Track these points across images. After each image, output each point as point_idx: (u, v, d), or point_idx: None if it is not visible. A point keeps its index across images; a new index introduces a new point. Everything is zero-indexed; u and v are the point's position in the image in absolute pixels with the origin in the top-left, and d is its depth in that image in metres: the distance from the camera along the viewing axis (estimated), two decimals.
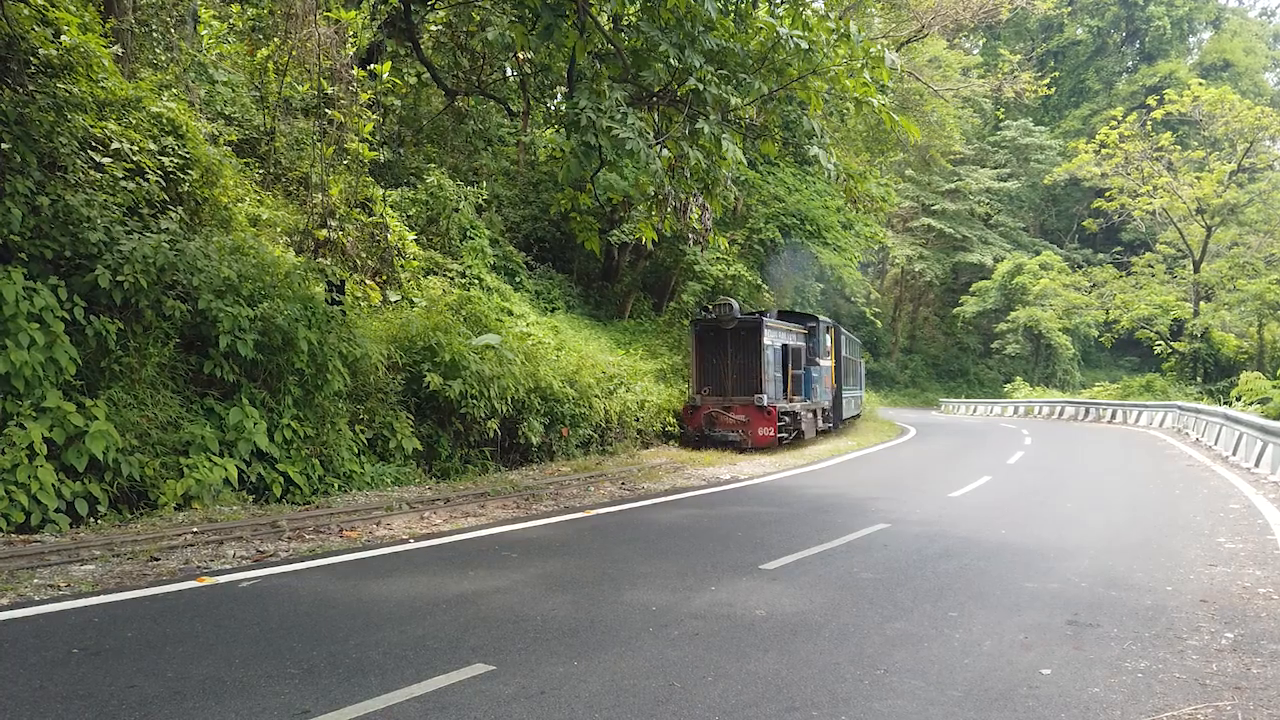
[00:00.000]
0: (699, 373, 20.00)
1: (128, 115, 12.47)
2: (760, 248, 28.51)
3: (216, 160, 13.78)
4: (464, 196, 21.53)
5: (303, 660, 5.06)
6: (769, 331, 19.92)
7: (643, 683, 4.80)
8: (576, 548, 8.84)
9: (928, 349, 68.33)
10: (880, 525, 10.13)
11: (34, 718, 4.15)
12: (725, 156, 12.66)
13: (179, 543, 8.42)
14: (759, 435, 19.07)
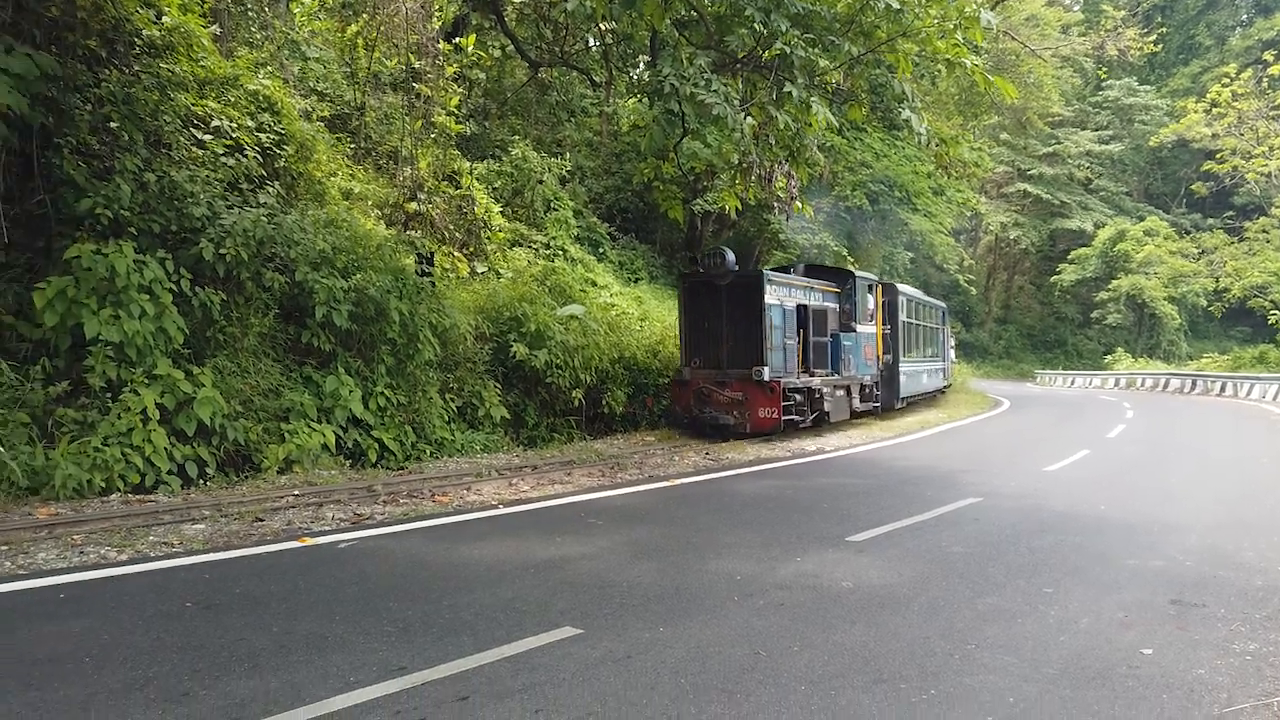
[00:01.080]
0: (688, 340, 16.15)
1: (226, 93, 12.89)
2: (847, 215, 27.97)
3: (310, 136, 14.16)
4: (548, 168, 21.67)
5: (399, 619, 5.23)
6: (774, 289, 15.99)
7: (728, 650, 4.82)
8: (661, 516, 8.90)
9: (1022, 319, 66.17)
10: (971, 499, 9.91)
11: (152, 666, 4.39)
12: (813, 122, 12.40)
13: (281, 505, 8.78)
14: (758, 418, 15.20)
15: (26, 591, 5.73)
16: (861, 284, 19.64)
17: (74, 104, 10.44)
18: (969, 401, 28.86)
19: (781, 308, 15.98)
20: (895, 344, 21.65)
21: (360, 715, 3.86)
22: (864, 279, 19.96)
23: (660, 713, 3.97)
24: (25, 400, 8.98)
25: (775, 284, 16.12)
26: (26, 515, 7.92)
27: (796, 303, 16.69)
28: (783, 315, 15.96)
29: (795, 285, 17.09)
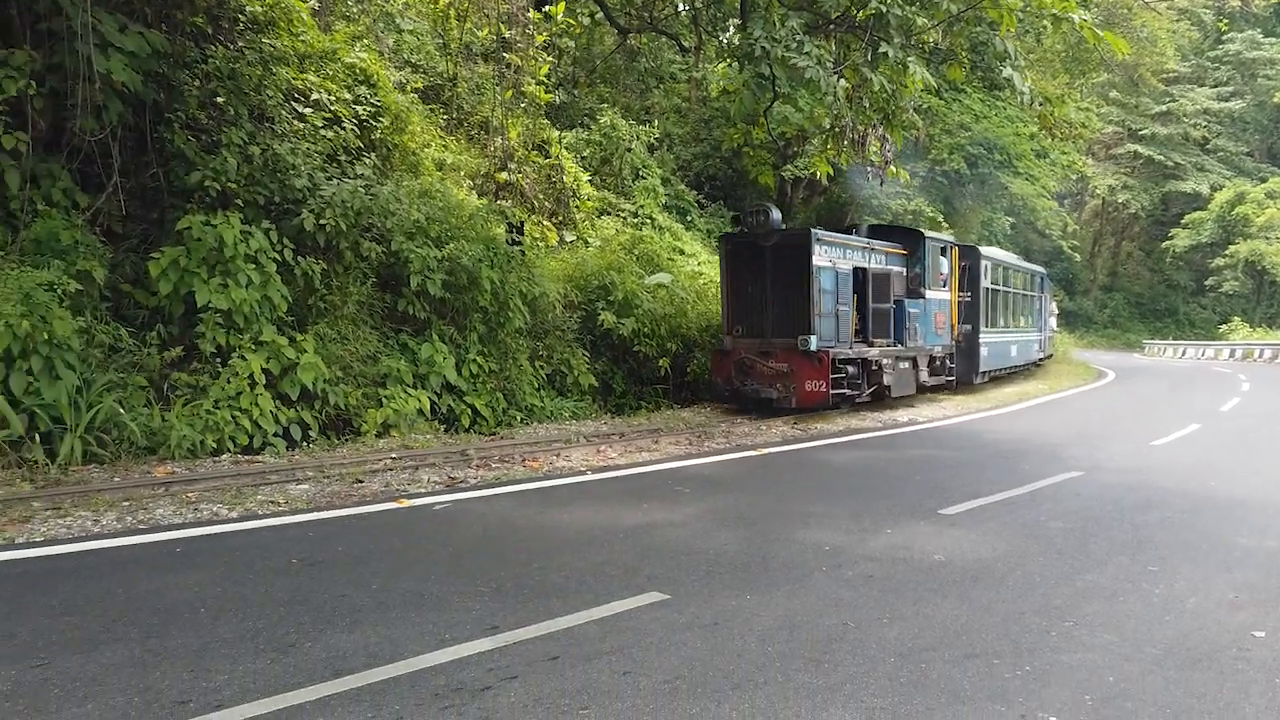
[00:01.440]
0: (730, 307, 14.68)
1: (325, 66, 13.22)
2: (944, 179, 27.15)
3: (405, 107, 14.44)
4: (636, 136, 21.61)
5: (491, 579, 5.37)
6: (824, 250, 14.33)
7: (816, 620, 4.80)
8: (748, 485, 8.88)
9: (1130, 286, 63.28)
10: (1072, 473, 9.58)
11: (261, 618, 4.62)
12: (909, 83, 12.04)
13: (380, 467, 9.08)
14: (805, 392, 13.73)
15: (146, 545, 6.08)
16: (933, 246, 17.68)
17: (183, 80, 10.87)
18: (1071, 372, 27.84)
19: (834, 271, 14.43)
20: (976, 312, 19.80)
21: (456, 671, 3.98)
22: (936, 240, 18.04)
23: (747, 679, 3.99)
24: (143, 365, 9.48)
25: (826, 244, 14.42)
26: (145, 474, 8.39)
27: (853, 265, 15.10)
28: (835, 279, 14.45)
29: (851, 246, 15.35)
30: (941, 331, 18.03)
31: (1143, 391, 22.44)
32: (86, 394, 8.67)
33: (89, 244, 9.47)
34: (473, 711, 3.59)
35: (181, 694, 3.68)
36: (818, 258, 14.06)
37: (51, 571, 5.43)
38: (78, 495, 7.39)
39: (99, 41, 9.18)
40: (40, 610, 4.66)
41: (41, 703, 3.57)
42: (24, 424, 8.24)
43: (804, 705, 3.76)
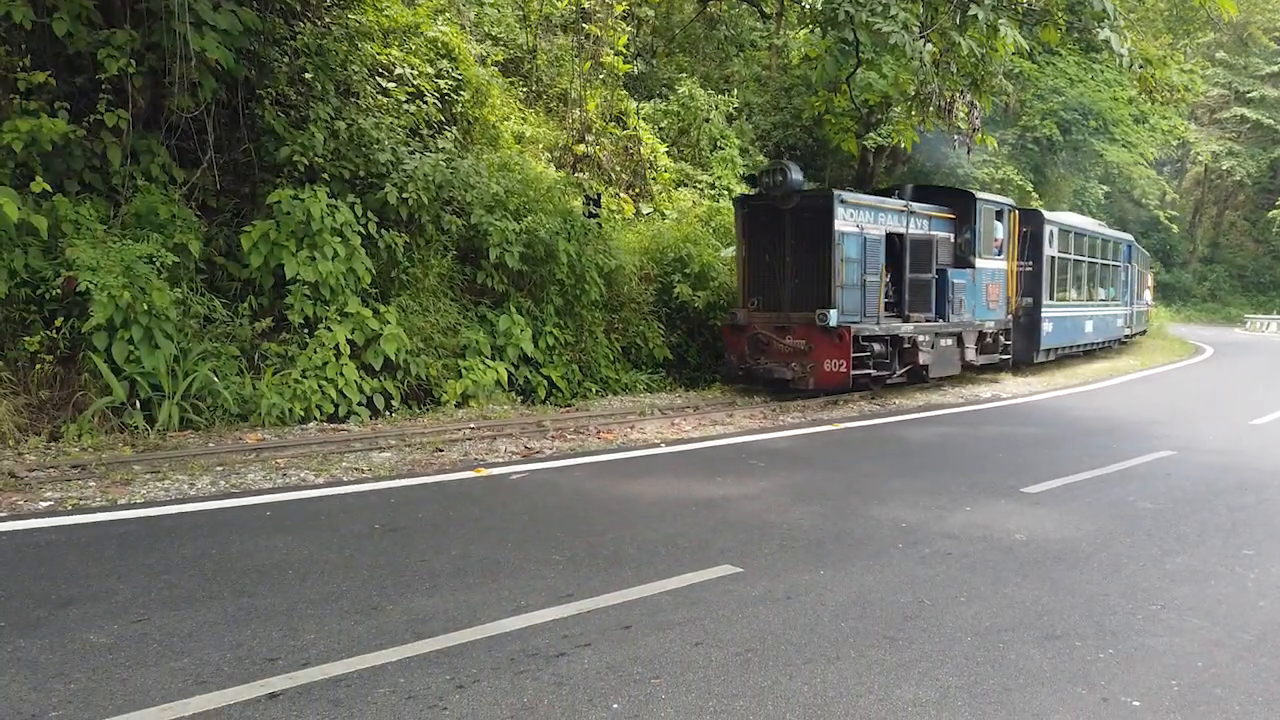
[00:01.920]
0: (746, 277, 13.27)
1: (408, 41, 13.41)
2: (1035, 147, 26.20)
3: (485, 81, 14.55)
4: (714, 105, 21.37)
5: (565, 548, 5.45)
6: (849, 212, 12.68)
7: (891, 597, 4.74)
8: (823, 460, 8.80)
9: (1233, 258, 60.21)
10: (1164, 452, 9.23)
11: (345, 581, 4.79)
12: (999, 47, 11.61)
13: (459, 437, 9.27)
14: (824, 372, 12.32)
15: (238, 508, 6.35)
16: (986, 209, 15.54)
17: (273, 57, 11.15)
18: (1165, 348, 26.73)
19: (861, 237, 12.75)
20: (1038, 283, 17.63)
21: (531, 637, 4.07)
22: (990, 203, 15.84)
23: (820, 654, 3.98)
24: (235, 335, 9.84)
25: (852, 207, 12.80)
26: (238, 440, 8.74)
27: (886, 230, 13.37)
28: (862, 246, 12.77)
29: (885, 209, 13.55)
30: (995, 305, 15.92)
31: (1242, 368, 21.42)
32: (183, 363, 9.06)
33: (185, 218, 9.83)
34: (547, 677, 3.67)
35: (271, 651, 3.85)
36: (841, 222, 12.44)
37: (151, 532, 5.72)
38: (175, 460, 7.75)
39: (194, 20, 9.47)
40: (140, 569, 4.92)
41: (141, 656, 3.77)
42: (125, 391, 8.65)
43: (877, 681, 3.73)
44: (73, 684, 3.50)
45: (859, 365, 12.50)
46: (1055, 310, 18.47)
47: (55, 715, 3.25)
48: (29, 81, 8.95)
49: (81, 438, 8.24)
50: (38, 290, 8.68)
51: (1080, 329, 20.31)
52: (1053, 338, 18.40)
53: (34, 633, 3.98)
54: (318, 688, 3.52)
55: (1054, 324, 18.38)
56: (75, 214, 8.93)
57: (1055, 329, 18.45)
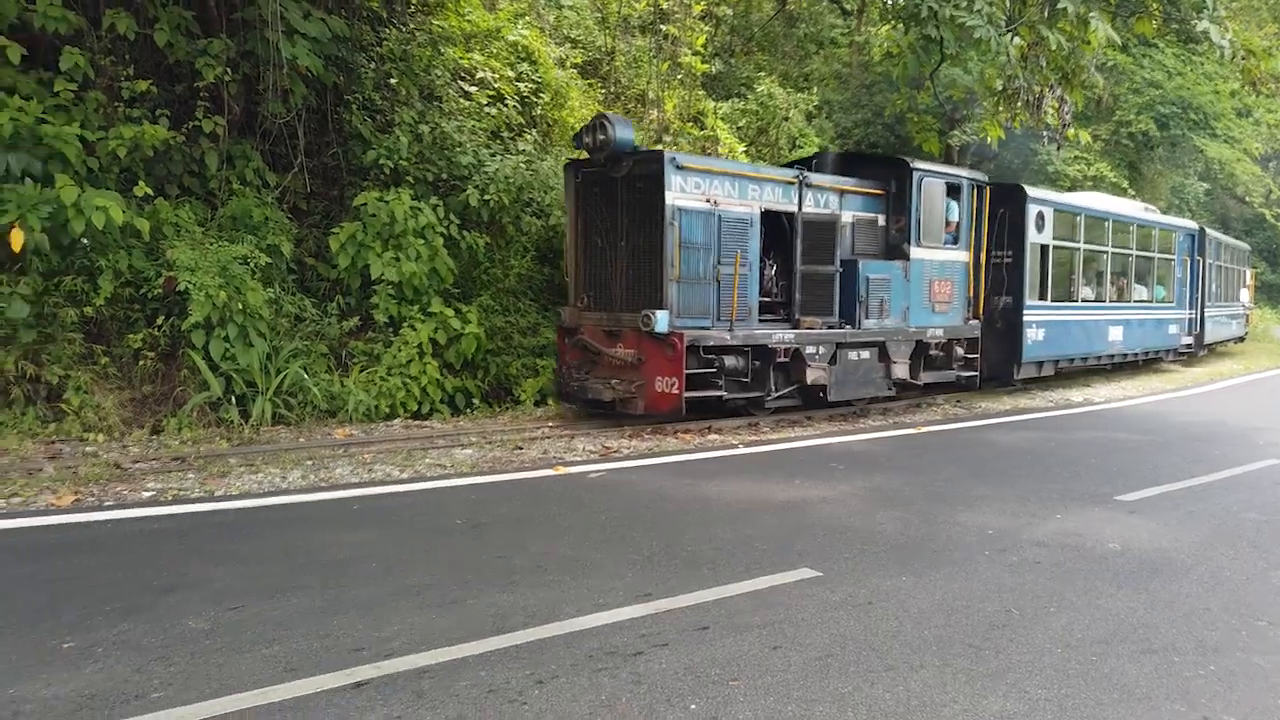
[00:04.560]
0: (578, 265, 10.31)
1: (490, 45, 13.62)
2: (1129, 142, 25.25)
3: (564, 83, 14.69)
4: (794, 104, 21.17)
5: (643, 548, 5.46)
6: (690, 181, 9.64)
7: (976, 605, 4.62)
8: (906, 464, 8.63)
9: None
10: (1271, 460, 8.79)
11: (428, 574, 4.88)
12: (1090, 40, 11.22)
13: (538, 435, 9.37)
14: (654, 393, 9.51)
15: (327, 501, 6.53)
16: (930, 182, 11.94)
17: (360, 63, 11.46)
18: (1273, 351, 25.46)
19: (712, 214, 9.79)
20: (1020, 278, 13.81)
21: (609, 635, 4.08)
22: (935, 174, 12.20)
23: (902, 661, 3.90)
24: (324, 333, 10.14)
25: (696, 174, 9.73)
26: (327, 435, 9.00)
27: (763, 208, 10.36)
28: (713, 226, 9.80)
29: (759, 179, 10.47)
30: (945, 307, 12.41)
31: None
32: (275, 360, 9.37)
33: (277, 220, 10.17)
34: (625, 675, 3.68)
35: (357, 641, 3.94)
36: (678, 194, 9.49)
37: (245, 523, 5.92)
38: (268, 454, 8.02)
39: (286, 28, 9.79)
40: (236, 559, 5.10)
41: (236, 642, 3.91)
42: (221, 386, 8.99)
43: (962, 691, 3.64)
44: (173, 666, 3.65)
45: (699, 385, 9.70)
46: (1046, 313, 14.39)
47: (157, 696, 3.39)
48: (132, 90, 9.38)
49: (181, 431, 8.59)
50: (140, 290, 9.08)
51: (1096, 336, 16.08)
52: (1043, 347, 14.39)
53: (138, 616, 4.16)
54: (402, 678, 3.60)
55: (1044, 330, 14.34)
56: (175, 217, 9.32)
57: (1048, 336, 14.45)
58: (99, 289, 8.68)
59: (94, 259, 8.80)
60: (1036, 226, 14.20)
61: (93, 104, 9.10)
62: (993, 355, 13.56)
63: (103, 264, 8.75)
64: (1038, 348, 14.25)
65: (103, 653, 3.76)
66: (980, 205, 12.93)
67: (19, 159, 8.22)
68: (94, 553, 5.13)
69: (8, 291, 8.20)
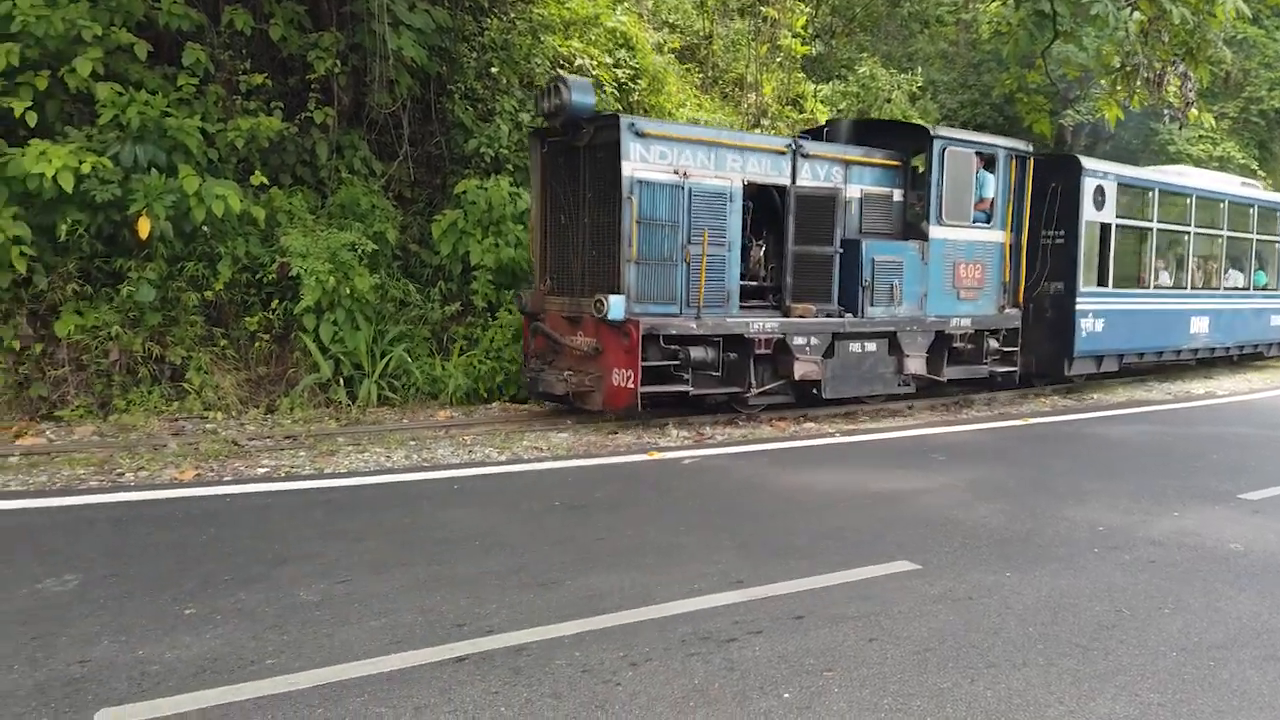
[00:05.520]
0: (542, 244, 9.58)
1: (588, 32, 13.69)
2: (1261, 120, 23.74)
3: (662, 68, 14.68)
4: (897, 85, 20.64)
5: (737, 534, 5.44)
6: (651, 149, 8.67)
7: (1084, 604, 4.45)
8: (1011, 456, 8.36)
9: None
10: None
11: (526, 554, 4.98)
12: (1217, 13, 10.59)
13: (633, 421, 9.43)
14: (611, 386, 8.65)
15: (430, 481, 6.73)
16: (956, 152, 10.51)
17: (462, 53, 11.68)
18: None
19: (680, 187, 8.80)
20: (1073, 261, 12.19)
21: (702, 620, 4.09)
22: (963, 143, 10.72)
23: (1004, 659, 3.79)
24: (427, 318, 10.42)
25: (661, 141, 8.75)
26: (430, 417, 9.26)
27: (747, 180, 9.30)
28: (681, 200, 8.82)
29: (730, 146, 9.27)
30: (974, 293, 11.00)
31: None
32: (380, 343, 9.68)
33: (384, 208, 10.49)
34: (718, 660, 3.68)
35: (458, 617, 4.06)
36: (638, 164, 8.55)
37: (353, 500, 6.15)
38: (374, 434, 8.30)
39: (392, 21, 10.06)
40: (344, 534, 5.30)
41: (344, 615, 4.07)
42: (331, 368, 9.34)
43: (1068, 692, 3.52)
44: (285, 635, 3.82)
45: (660, 378, 8.71)
46: (1106, 300, 12.65)
47: (271, 663, 3.56)
48: (249, 84, 9.80)
49: (293, 411, 8.97)
50: (256, 275, 9.50)
51: (1174, 328, 14.20)
52: (1102, 340, 12.62)
53: (253, 587, 4.37)
54: (500, 655, 3.68)
55: (1104, 320, 12.60)
56: (288, 205, 9.70)
57: (1109, 327, 12.69)
58: (218, 274, 9.12)
59: (214, 245, 9.24)
60: (1094, 202, 12.41)
61: (213, 97, 9.54)
62: (1041, 348, 12.19)
63: (222, 250, 9.18)
64: (1095, 340, 12.53)
65: (221, 620, 3.97)
66: (1022, 178, 11.33)
67: (145, 150, 8.68)
68: (213, 525, 5.41)
69: (136, 276, 8.68)
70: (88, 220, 8.42)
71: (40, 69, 8.45)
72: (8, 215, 7.91)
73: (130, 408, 8.51)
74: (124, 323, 8.69)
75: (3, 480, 6.45)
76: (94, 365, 8.62)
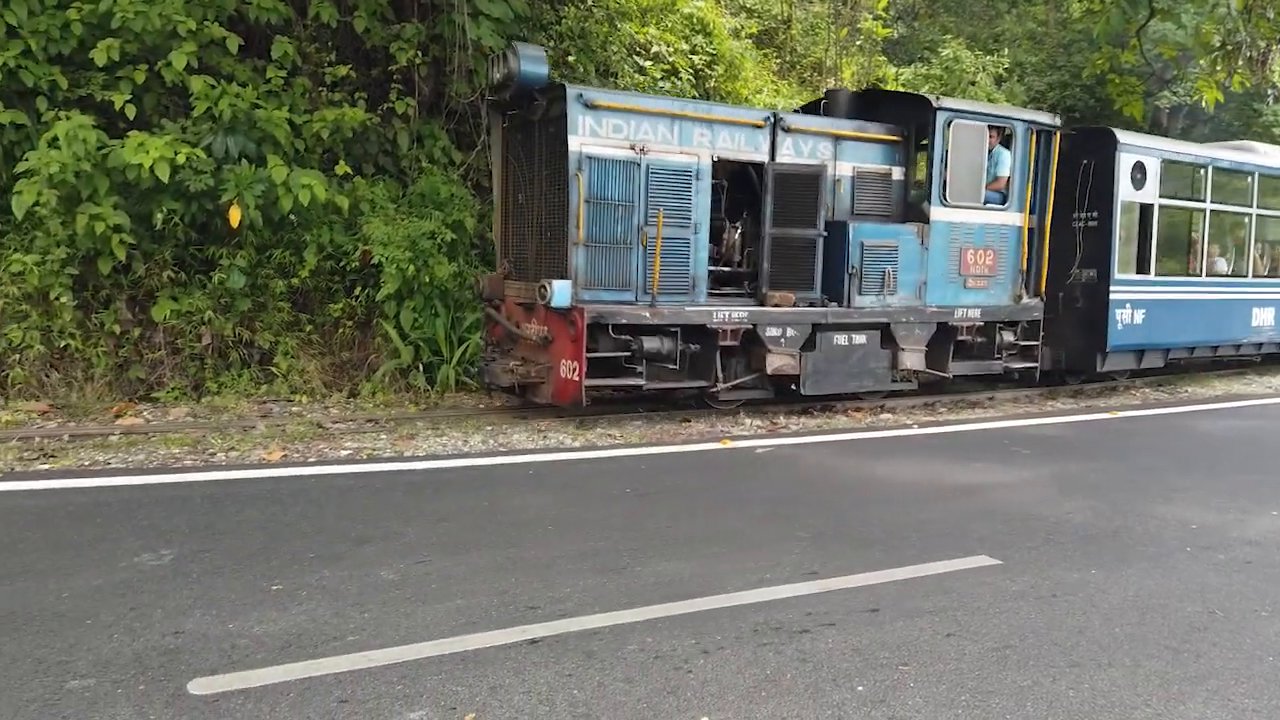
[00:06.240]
0: (503, 224, 9.21)
1: (665, 18, 13.65)
2: None
3: (739, 54, 14.55)
4: (982, 68, 20.08)
5: (809, 525, 5.39)
6: (602, 121, 8.08)
7: (1175, 605, 4.29)
8: (1099, 450, 8.09)
9: None
10: None
11: (598, 539, 5.02)
12: None
13: (704, 409, 9.40)
14: (559, 379, 8.13)
15: (505, 465, 6.83)
16: (962, 125, 9.56)
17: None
18: None
19: (635, 164, 8.18)
20: (1106, 246, 11.00)
21: (774, 610, 4.07)
22: (971, 115, 9.80)
23: (1088, 658, 3.68)
24: None
25: (614, 114, 8.13)
26: (505, 402, 9.39)
27: (717, 156, 8.61)
28: (637, 178, 8.20)
29: (696, 119, 8.57)
30: (984, 281, 10.02)
31: None
32: (458, 329, 9.85)
33: (462, 197, 10.64)
34: (790, 651, 3.66)
35: (532, 600, 4.12)
36: (585, 139, 7.96)
37: (432, 482, 6.29)
38: (451, 419, 8.46)
39: (472, 11, 10.18)
40: (423, 515, 5.42)
41: (423, 594, 4.17)
42: (410, 354, 9.55)
43: (1156, 694, 3.40)
44: (366, 613, 3.93)
45: (607, 370, 8.16)
46: (1145, 289, 11.46)
47: (352, 639, 3.67)
48: (334, 75, 10.04)
49: (374, 395, 9.20)
50: (340, 262, 9.74)
51: (1232, 320, 12.80)
52: (1140, 333, 11.42)
53: (336, 565, 4.51)
54: (573, 638, 3.72)
55: (1144, 311, 11.39)
56: (371, 194, 9.92)
57: (1150, 319, 11.47)
58: (304, 261, 9.39)
59: (300, 234, 9.51)
60: (1133, 181, 11.14)
61: (299, 89, 9.81)
62: (1071, 342, 11.14)
63: (308, 238, 9.45)
64: (1132, 333, 11.30)
65: (305, 596, 4.10)
66: (1046, 155, 10.30)
67: (236, 141, 8.98)
68: (298, 504, 5.59)
69: (228, 264, 9.00)
70: (182, 209, 8.75)
71: (138, 63, 8.82)
72: (109, 204, 8.28)
73: (221, 390, 8.85)
74: (216, 308, 9.03)
75: (105, 458, 6.77)
76: (188, 349, 8.98)
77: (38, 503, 5.45)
